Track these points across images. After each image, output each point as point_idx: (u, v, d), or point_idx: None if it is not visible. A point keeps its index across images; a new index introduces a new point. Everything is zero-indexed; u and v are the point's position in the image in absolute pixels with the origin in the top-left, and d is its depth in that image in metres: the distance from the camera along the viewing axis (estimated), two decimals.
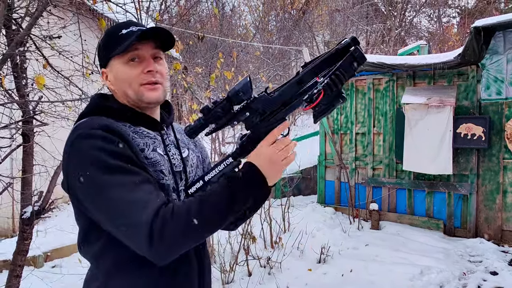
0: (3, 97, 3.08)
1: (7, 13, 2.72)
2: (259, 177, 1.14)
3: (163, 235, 1.02)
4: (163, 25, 8.43)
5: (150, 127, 1.30)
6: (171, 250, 1.05)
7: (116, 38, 1.24)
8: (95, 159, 1.08)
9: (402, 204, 6.58)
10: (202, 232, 1.08)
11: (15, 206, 5.80)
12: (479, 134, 5.69)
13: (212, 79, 5.38)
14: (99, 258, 1.20)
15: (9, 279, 3.01)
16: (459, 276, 4.48)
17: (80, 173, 1.09)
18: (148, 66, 1.24)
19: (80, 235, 1.24)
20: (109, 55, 1.24)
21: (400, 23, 15.74)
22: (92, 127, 1.13)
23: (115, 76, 1.25)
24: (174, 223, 1.03)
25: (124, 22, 1.31)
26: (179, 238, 1.04)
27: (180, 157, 1.34)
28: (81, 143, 1.11)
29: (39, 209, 3.08)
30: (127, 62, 1.23)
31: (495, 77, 5.71)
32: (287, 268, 4.54)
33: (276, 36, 16.58)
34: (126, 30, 1.24)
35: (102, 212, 1.09)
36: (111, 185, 1.06)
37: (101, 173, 1.07)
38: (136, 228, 1.03)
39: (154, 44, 1.25)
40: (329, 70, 1.11)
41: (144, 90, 1.24)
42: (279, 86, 1.18)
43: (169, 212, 1.04)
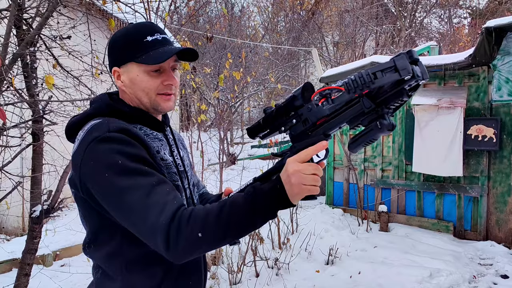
0: (13, 96, 3.11)
1: (17, 13, 2.74)
2: (282, 194, 1.04)
3: (178, 240, 1.02)
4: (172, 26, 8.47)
5: (156, 128, 1.32)
6: (186, 253, 1.05)
7: (140, 43, 1.24)
8: (113, 162, 1.08)
9: (412, 206, 6.52)
10: (218, 240, 1.06)
11: (25, 205, 5.85)
12: (490, 135, 5.63)
13: (221, 80, 5.39)
14: (112, 258, 1.19)
15: (18, 277, 3.04)
16: (469, 279, 4.42)
17: (98, 176, 1.09)
18: (168, 79, 1.26)
19: (88, 235, 1.24)
20: (132, 59, 1.24)
21: (410, 23, 15.64)
22: (108, 130, 1.12)
23: (132, 81, 1.25)
24: (190, 228, 1.02)
25: (147, 26, 1.30)
26: (194, 243, 1.03)
27: (180, 157, 1.38)
28: (98, 146, 1.10)
29: (48, 208, 3.10)
30: (148, 72, 1.24)
31: (506, 78, 5.64)
32: (295, 269, 4.53)
33: (285, 37, 16.59)
34: (152, 38, 1.25)
35: (121, 214, 1.09)
36: (129, 188, 1.06)
37: (119, 176, 1.07)
38: (154, 232, 1.03)
39: (175, 57, 1.28)
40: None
41: (160, 100, 1.26)
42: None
43: (186, 216, 1.04)
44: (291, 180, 1.01)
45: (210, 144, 6.47)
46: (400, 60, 0.88)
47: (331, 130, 1.05)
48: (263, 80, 13.28)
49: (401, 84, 0.90)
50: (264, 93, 15.16)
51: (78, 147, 1.15)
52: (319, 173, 1.03)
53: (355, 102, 0.98)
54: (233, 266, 4.21)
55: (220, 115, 6.47)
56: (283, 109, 1.12)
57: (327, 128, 1.05)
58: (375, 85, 0.91)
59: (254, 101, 16.55)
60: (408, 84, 0.90)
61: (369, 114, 0.96)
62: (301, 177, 1.00)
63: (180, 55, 1.29)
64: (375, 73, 0.90)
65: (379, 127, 0.94)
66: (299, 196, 1.03)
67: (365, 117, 0.97)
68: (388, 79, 0.89)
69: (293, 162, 1.03)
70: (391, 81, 0.90)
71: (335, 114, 1.03)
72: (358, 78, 0.93)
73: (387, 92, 0.94)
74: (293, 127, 1.11)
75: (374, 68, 0.91)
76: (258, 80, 13.39)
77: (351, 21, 14.95)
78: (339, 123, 1.02)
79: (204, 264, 1.38)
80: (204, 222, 1.03)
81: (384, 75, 0.90)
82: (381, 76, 0.90)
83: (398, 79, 0.89)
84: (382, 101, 0.95)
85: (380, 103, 0.95)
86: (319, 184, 1.03)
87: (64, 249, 5.09)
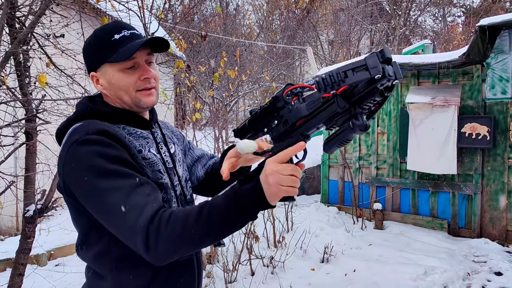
0: (6, 95, 3.09)
1: (10, 11, 2.72)
2: (261, 195, 1.03)
3: (158, 241, 1.02)
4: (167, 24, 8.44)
5: (141, 127, 1.32)
6: (166, 255, 1.05)
7: (109, 43, 1.22)
8: (92, 164, 1.09)
9: (406, 204, 6.55)
10: (198, 242, 1.06)
11: (18, 205, 5.82)
12: (484, 133, 5.66)
13: (216, 78, 5.38)
14: (101, 258, 1.20)
15: (12, 277, 3.02)
16: (463, 277, 4.45)
17: (79, 179, 1.10)
18: (145, 73, 1.25)
19: (79, 236, 1.25)
20: (104, 61, 1.23)
21: (405, 22, 15.68)
22: (87, 132, 1.13)
23: (109, 82, 1.25)
24: (170, 230, 1.02)
25: (113, 25, 1.28)
26: (173, 245, 1.03)
27: (169, 154, 1.37)
28: (78, 149, 1.11)
29: (42, 208, 3.08)
30: (123, 70, 1.23)
31: (500, 76, 5.66)
32: (290, 267, 4.53)
33: (280, 35, 16.57)
34: (119, 35, 1.23)
35: (102, 216, 1.11)
36: (108, 190, 1.07)
37: (98, 178, 1.08)
38: (133, 233, 1.04)
39: (148, 50, 1.27)
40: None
41: (141, 96, 1.26)
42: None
43: (166, 218, 1.04)
44: (269, 180, 1.00)
45: (205, 142, 6.45)
46: (371, 58, 0.87)
47: (309, 131, 1.05)
48: (258, 79, 13.27)
49: (373, 83, 0.89)
50: (260, 91, 15.14)
51: (61, 151, 1.16)
52: (297, 174, 1.01)
53: (331, 102, 0.97)
54: (229, 264, 4.20)
55: (215, 113, 6.46)
56: (266, 110, 1.12)
57: (305, 128, 1.04)
58: (345, 83, 0.90)
59: (250, 99, 16.54)
60: (380, 83, 0.89)
61: (343, 114, 0.96)
62: (279, 178, 0.99)
63: (153, 47, 1.27)
64: (345, 72, 0.89)
65: (351, 127, 0.93)
66: (276, 196, 1.02)
67: (339, 117, 0.97)
68: (358, 78, 0.88)
69: (272, 162, 1.02)
70: (361, 79, 0.88)
71: (313, 114, 1.02)
72: (328, 77, 0.91)
73: (360, 92, 0.93)
74: (274, 128, 1.11)
75: (345, 67, 0.90)
76: (253, 79, 13.37)
77: (346, 19, 14.97)
78: (316, 123, 1.02)
79: (198, 263, 1.37)
80: (184, 223, 1.02)
81: (355, 74, 0.88)
82: (352, 74, 0.89)
83: (368, 77, 0.87)
84: (356, 101, 0.94)
85: (353, 102, 0.94)
86: (297, 185, 1.02)
87: (58, 248, 5.07)
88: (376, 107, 0.98)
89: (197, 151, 1.60)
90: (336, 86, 0.91)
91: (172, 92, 8.74)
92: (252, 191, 1.03)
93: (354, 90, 0.94)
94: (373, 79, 0.88)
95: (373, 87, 0.90)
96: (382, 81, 0.88)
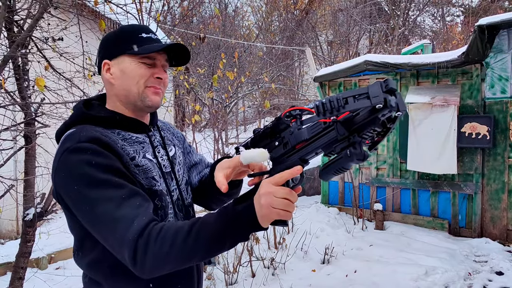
0: (4, 99, 3.09)
1: (8, 15, 2.72)
2: (254, 216, 1.01)
3: (146, 256, 1.01)
4: (165, 26, 8.43)
5: (137, 131, 1.31)
6: (152, 270, 1.04)
7: (135, 37, 1.26)
8: (82, 173, 1.08)
9: (407, 204, 6.54)
10: (186, 260, 1.04)
11: (18, 208, 5.81)
12: (484, 133, 5.65)
13: (215, 80, 5.38)
14: (96, 265, 1.20)
15: (12, 281, 3.01)
16: (464, 276, 4.44)
17: (69, 188, 1.10)
18: (159, 73, 1.28)
19: (75, 243, 1.24)
20: (125, 51, 1.25)
21: (404, 22, 15.68)
22: (79, 140, 1.12)
23: (123, 71, 1.25)
24: (158, 245, 1.01)
25: (142, 26, 1.34)
26: (161, 261, 1.02)
27: (167, 157, 1.36)
28: (69, 157, 1.10)
29: (42, 211, 3.08)
30: (141, 63, 1.25)
31: (499, 76, 5.66)
32: (291, 269, 4.53)
33: (279, 36, 16.58)
34: (146, 35, 1.28)
35: (91, 226, 1.10)
36: (98, 200, 1.06)
37: (88, 188, 1.07)
38: (121, 246, 1.03)
39: (166, 57, 1.30)
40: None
41: (148, 92, 1.26)
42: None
43: (156, 232, 1.03)
44: (261, 201, 0.98)
45: (205, 144, 6.45)
46: (374, 87, 0.86)
47: (307, 156, 1.03)
48: (257, 80, 13.27)
49: (374, 112, 0.88)
50: (259, 93, 15.15)
51: (54, 158, 1.16)
52: (291, 198, 0.99)
53: (331, 128, 0.96)
54: (229, 266, 4.20)
55: (214, 115, 6.46)
56: (269, 130, 1.11)
57: (304, 153, 1.03)
58: (345, 110, 0.88)
59: (249, 101, 16.54)
60: (382, 113, 0.86)
61: (342, 141, 0.94)
62: (272, 199, 0.97)
63: (172, 58, 1.31)
64: (346, 98, 0.88)
65: (348, 155, 0.91)
66: (268, 218, 1.00)
67: (338, 144, 0.95)
68: (359, 105, 0.87)
69: (267, 184, 1.00)
70: (362, 107, 0.87)
71: (313, 139, 1.01)
72: (328, 102, 0.90)
73: (361, 121, 0.91)
74: (274, 149, 1.10)
75: (347, 93, 0.89)
76: (252, 80, 13.38)
77: (345, 20, 14.97)
78: (315, 148, 1.00)
79: (197, 267, 1.36)
80: (173, 239, 1.01)
81: (356, 101, 0.87)
82: (353, 101, 0.87)
83: (369, 106, 0.86)
84: (356, 129, 0.93)
85: (353, 131, 0.93)
86: (291, 210, 0.99)
87: (59, 251, 5.06)
88: (379, 138, 0.96)
89: (195, 156, 1.57)
90: (336, 112, 0.90)
91: (171, 94, 8.74)
92: (244, 211, 1.02)
93: (355, 118, 0.93)
94: (375, 109, 0.86)
95: (374, 117, 0.88)
96: (384, 112, 0.86)
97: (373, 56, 6.52)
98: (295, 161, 1.04)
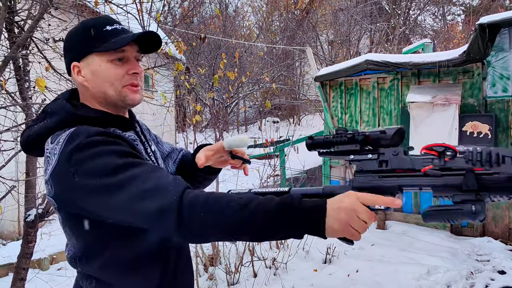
0: (5, 100, 3.09)
1: (8, 16, 2.72)
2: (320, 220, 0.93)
3: (191, 218, 0.97)
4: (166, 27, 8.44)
5: (127, 129, 1.27)
6: (197, 235, 1.00)
7: (100, 33, 1.18)
8: (103, 164, 1.04)
9: (408, 203, 6.53)
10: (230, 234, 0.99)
11: (20, 209, 5.82)
12: (485, 132, 5.64)
13: (216, 80, 5.38)
14: (107, 267, 1.16)
15: (14, 282, 3.02)
16: (466, 276, 4.43)
17: (92, 181, 1.03)
18: (134, 68, 1.21)
19: (79, 248, 1.17)
20: (92, 50, 1.17)
21: (405, 21, 15.67)
22: (88, 135, 1.07)
23: (95, 73, 1.18)
24: (205, 211, 0.97)
25: (105, 17, 1.26)
26: (207, 227, 0.98)
27: (153, 153, 1.34)
28: (84, 153, 1.05)
29: (43, 212, 3.08)
30: (111, 61, 1.18)
31: (500, 74, 5.65)
32: (293, 268, 4.52)
33: (279, 36, 16.58)
34: (111, 27, 1.19)
35: (122, 209, 1.03)
36: (125, 182, 1.02)
37: (113, 175, 1.03)
38: (162, 211, 0.98)
39: (138, 47, 1.23)
40: None
41: (127, 92, 1.21)
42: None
43: (203, 198, 0.99)
44: (340, 214, 0.92)
45: None
46: None
47: (408, 187, 0.94)
48: (258, 80, 13.28)
49: None
50: (260, 93, 15.15)
51: (59, 161, 1.08)
52: (369, 223, 0.94)
53: (457, 173, 0.87)
54: (231, 266, 4.19)
55: (215, 115, 6.46)
56: (361, 138, 1.02)
57: (406, 182, 0.94)
58: (499, 169, 0.81)
59: (250, 101, 16.55)
60: None
61: (466, 193, 0.85)
62: (353, 218, 0.91)
63: (143, 46, 1.24)
64: (504, 157, 0.80)
65: (472, 212, 0.82)
66: (338, 233, 0.93)
67: (460, 194, 0.86)
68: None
69: (355, 199, 0.93)
70: None
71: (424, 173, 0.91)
72: (485, 154, 0.82)
73: (501, 182, 0.82)
74: (365, 161, 1.01)
75: (507, 152, 0.81)
76: (253, 80, 13.38)
77: (345, 19, 14.97)
78: (425, 185, 0.91)
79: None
80: (222, 209, 0.97)
81: None
82: (510, 163, 0.79)
83: None
84: (490, 188, 0.84)
85: (484, 188, 0.84)
86: (363, 233, 0.95)
87: (60, 252, 5.07)
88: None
89: (166, 146, 1.55)
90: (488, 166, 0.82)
91: (172, 94, 8.74)
92: (312, 212, 0.94)
93: (493, 176, 0.84)
94: None
95: None
96: None
97: (374, 56, 6.51)
98: (392, 187, 0.95)
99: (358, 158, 1.03)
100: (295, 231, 0.95)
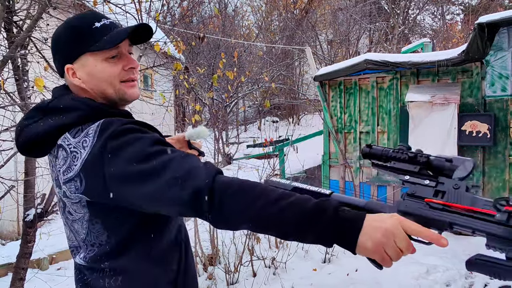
0: (3, 100, 3.09)
1: (7, 16, 2.72)
2: (353, 233, 0.89)
3: (223, 201, 0.96)
4: (165, 26, 8.43)
5: None
6: (227, 219, 0.99)
7: (90, 31, 1.14)
8: (138, 151, 1.03)
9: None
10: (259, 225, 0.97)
11: (19, 209, 5.82)
12: (484, 131, 5.64)
13: (215, 80, 5.37)
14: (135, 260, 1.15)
15: (13, 282, 3.02)
16: (465, 275, 4.43)
17: (127, 170, 1.02)
18: (129, 62, 1.19)
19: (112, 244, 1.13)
20: (85, 50, 1.15)
21: (404, 21, 15.67)
22: (122, 123, 1.07)
23: (91, 74, 1.16)
24: (238, 196, 0.96)
25: (91, 14, 1.23)
26: (238, 213, 0.96)
27: None
28: (118, 141, 1.04)
29: (42, 212, 3.08)
30: (106, 59, 1.16)
31: (499, 74, 5.65)
32: (292, 268, 4.52)
33: (279, 35, 16.57)
34: (100, 23, 1.16)
35: (157, 195, 1.01)
36: (161, 167, 1.01)
37: (148, 161, 1.02)
38: (196, 192, 0.97)
39: (129, 40, 1.22)
40: None
41: (125, 88, 1.20)
42: None
43: (237, 184, 0.99)
44: (377, 234, 0.87)
45: (205, 144, 6.46)
46: None
47: (460, 227, 0.88)
48: (257, 80, 13.27)
49: None
50: (259, 92, 15.15)
51: (91, 152, 1.05)
52: (405, 253, 0.88)
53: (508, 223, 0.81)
54: (230, 266, 4.19)
55: (214, 115, 6.45)
56: (424, 160, 0.98)
57: (459, 220, 0.87)
58: None
59: (249, 100, 16.54)
60: None
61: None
62: (389, 243, 0.86)
63: (135, 37, 1.22)
64: None
65: None
66: (369, 252, 0.89)
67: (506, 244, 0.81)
68: None
69: (398, 224, 0.87)
70: None
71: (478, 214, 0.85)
72: None
73: None
74: (418, 185, 0.96)
75: None
76: (252, 80, 13.38)
77: (345, 19, 14.97)
78: (480, 229, 0.86)
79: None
80: (255, 198, 0.95)
81: None
82: None
83: None
84: None
85: None
86: (395, 261, 0.88)
87: (60, 252, 5.07)
88: None
89: None
90: None
91: (171, 94, 8.73)
92: (348, 223, 0.90)
93: None
94: None
95: None
96: None
97: (373, 55, 6.52)
98: (443, 221, 0.88)
99: (414, 181, 0.97)
100: (325, 238, 0.93)
